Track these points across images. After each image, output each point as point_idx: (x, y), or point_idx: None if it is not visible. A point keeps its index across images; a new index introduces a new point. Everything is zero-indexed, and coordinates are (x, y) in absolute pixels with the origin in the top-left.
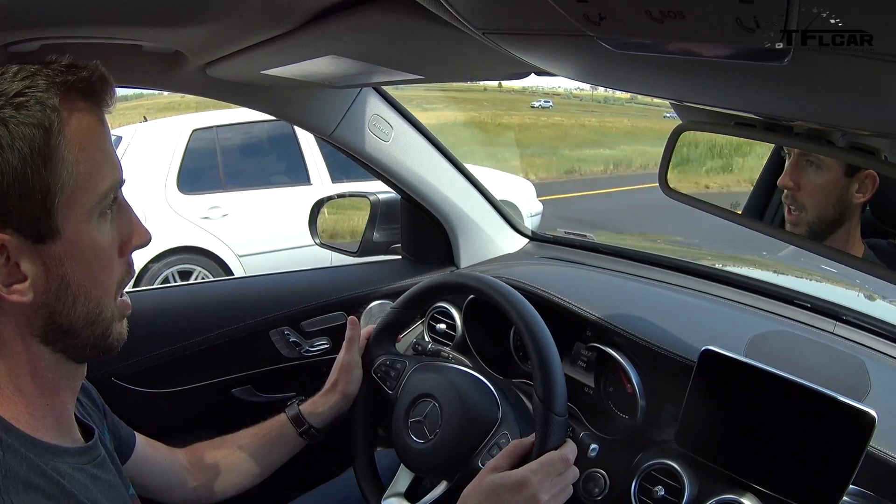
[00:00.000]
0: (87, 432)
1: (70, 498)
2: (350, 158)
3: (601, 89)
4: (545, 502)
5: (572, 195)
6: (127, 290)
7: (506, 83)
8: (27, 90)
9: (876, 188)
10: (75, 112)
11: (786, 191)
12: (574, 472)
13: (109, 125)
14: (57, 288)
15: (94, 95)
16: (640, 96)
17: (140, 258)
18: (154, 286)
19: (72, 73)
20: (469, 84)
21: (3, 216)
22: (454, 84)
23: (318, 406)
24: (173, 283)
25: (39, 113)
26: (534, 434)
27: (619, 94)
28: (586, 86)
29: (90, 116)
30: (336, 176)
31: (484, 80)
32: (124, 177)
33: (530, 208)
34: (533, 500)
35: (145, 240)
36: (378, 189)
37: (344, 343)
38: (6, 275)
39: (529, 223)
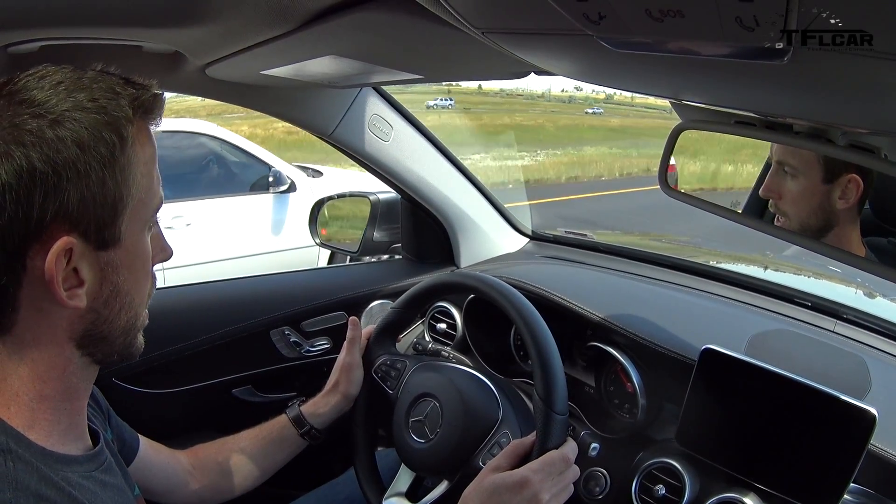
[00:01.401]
0: (93, 436)
1: None
2: (350, 158)
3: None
4: (546, 502)
5: None
6: None
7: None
8: (98, 98)
9: (860, 193)
10: (142, 128)
11: (770, 199)
12: (575, 471)
13: None
14: (108, 295)
15: (154, 112)
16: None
17: None
18: None
19: (136, 88)
20: None
21: (74, 219)
22: None
23: (319, 407)
24: (173, 284)
25: (115, 121)
26: (534, 433)
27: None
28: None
29: (147, 133)
30: (167, 196)
31: (484, 80)
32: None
33: None
34: (534, 499)
35: (169, 255)
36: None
37: (345, 344)
38: (63, 278)
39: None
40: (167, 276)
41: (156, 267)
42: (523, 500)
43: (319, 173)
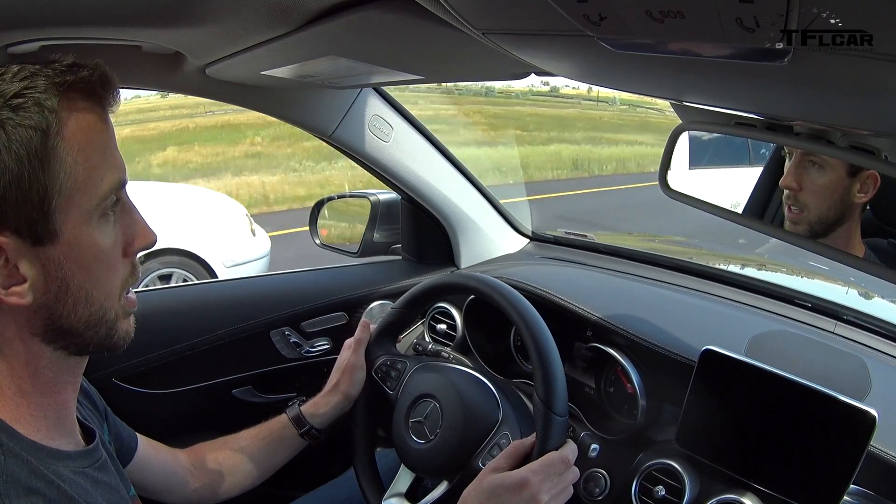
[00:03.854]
0: (88, 434)
1: (71, 502)
2: (350, 158)
3: None
4: (545, 502)
5: None
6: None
7: None
8: (26, 91)
9: (877, 188)
10: (75, 112)
11: (787, 191)
12: (575, 473)
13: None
14: (56, 290)
15: (95, 95)
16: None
17: None
18: (153, 287)
19: (72, 73)
20: None
21: (0, 218)
22: None
23: (320, 407)
24: (174, 284)
25: (37, 115)
26: (534, 434)
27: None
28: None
29: (91, 116)
30: None
31: (484, 81)
32: (126, 177)
33: (242, 249)
34: (533, 500)
35: (150, 241)
36: None
37: (353, 344)
38: (5, 277)
39: (245, 269)
40: None
41: None
42: (522, 500)
43: None
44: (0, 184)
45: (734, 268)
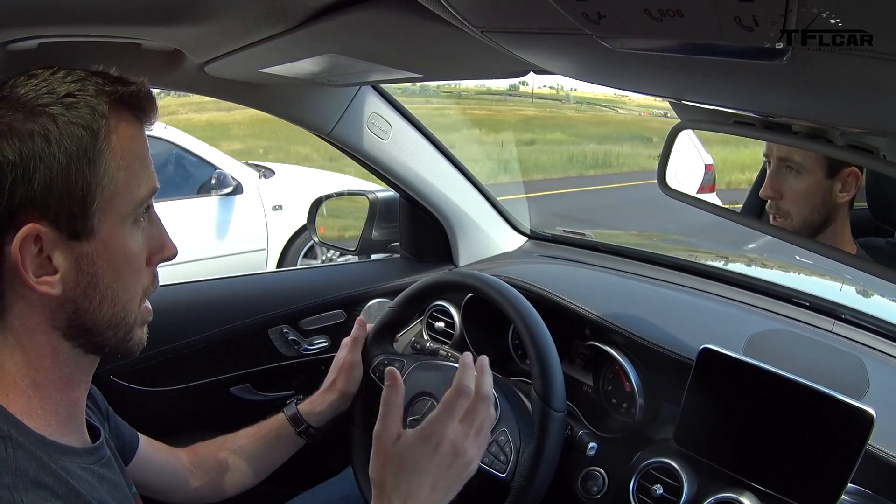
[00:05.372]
0: (93, 432)
1: (78, 497)
2: (349, 156)
3: None
4: (467, 443)
5: None
6: None
7: None
8: (77, 92)
9: (859, 186)
10: (122, 122)
11: (769, 200)
12: (484, 401)
13: None
14: (86, 286)
15: (140, 110)
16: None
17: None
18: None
19: (121, 85)
20: None
21: (42, 208)
22: None
23: (317, 405)
24: (171, 282)
25: (89, 116)
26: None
27: None
28: None
29: (134, 129)
30: None
31: (482, 79)
32: (158, 186)
33: None
34: (454, 447)
35: (172, 253)
36: None
37: (349, 342)
38: (37, 266)
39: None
40: None
41: None
42: (443, 452)
43: (272, 172)
44: (48, 174)
45: (732, 266)
